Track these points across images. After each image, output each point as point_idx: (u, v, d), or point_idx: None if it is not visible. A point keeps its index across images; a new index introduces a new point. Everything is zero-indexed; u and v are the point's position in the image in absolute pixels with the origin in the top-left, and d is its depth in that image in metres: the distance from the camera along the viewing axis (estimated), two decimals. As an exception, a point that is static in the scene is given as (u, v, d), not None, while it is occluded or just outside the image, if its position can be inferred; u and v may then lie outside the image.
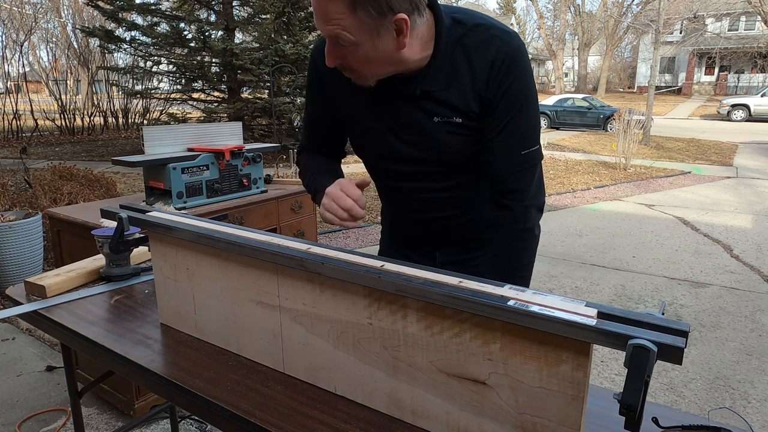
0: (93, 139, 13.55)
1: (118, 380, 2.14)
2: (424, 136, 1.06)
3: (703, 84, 29.90)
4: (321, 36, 1.06)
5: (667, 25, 19.49)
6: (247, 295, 1.01)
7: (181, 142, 2.40)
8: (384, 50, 0.94)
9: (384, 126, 1.09)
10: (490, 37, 0.99)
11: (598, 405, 0.88)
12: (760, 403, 2.44)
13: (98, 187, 4.74)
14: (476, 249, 1.26)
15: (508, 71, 0.98)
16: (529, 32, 48.65)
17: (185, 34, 9.20)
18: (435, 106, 1.03)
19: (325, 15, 0.90)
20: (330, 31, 0.92)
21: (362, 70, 0.98)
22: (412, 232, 1.27)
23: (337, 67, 0.99)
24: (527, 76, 1.01)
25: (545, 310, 0.68)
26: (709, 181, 8.07)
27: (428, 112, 1.04)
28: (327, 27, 0.92)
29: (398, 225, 1.31)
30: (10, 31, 18.83)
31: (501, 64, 0.98)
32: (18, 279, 3.50)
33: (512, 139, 1.03)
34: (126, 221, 1.18)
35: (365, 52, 0.94)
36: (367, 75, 0.99)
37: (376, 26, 0.90)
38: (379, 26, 0.91)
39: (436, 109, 1.03)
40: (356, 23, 0.90)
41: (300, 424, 0.86)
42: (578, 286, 3.89)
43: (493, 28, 1.00)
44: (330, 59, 0.97)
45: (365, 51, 0.94)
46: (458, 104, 1.02)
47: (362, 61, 0.96)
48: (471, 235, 1.24)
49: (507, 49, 0.98)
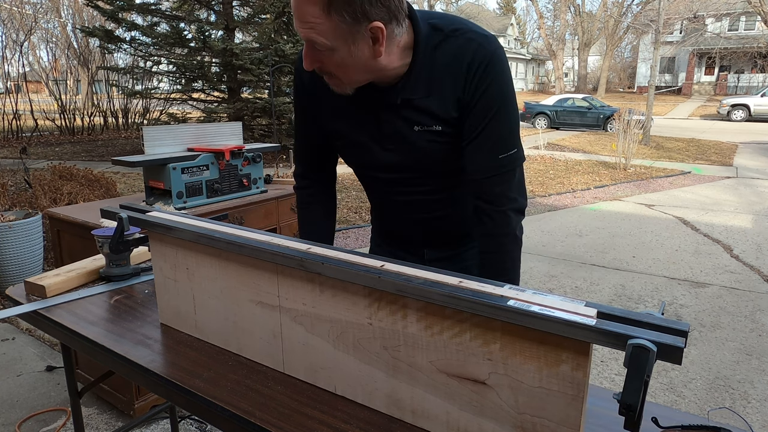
0: (93, 139, 13.55)
1: (118, 380, 2.14)
2: (406, 145, 1.08)
3: (703, 84, 29.91)
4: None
5: (667, 25, 19.50)
6: (247, 295, 1.01)
7: (181, 142, 2.40)
8: (360, 57, 0.95)
9: (367, 136, 1.11)
10: (467, 41, 0.99)
11: (597, 405, 0.88)
12: (760, 403, 2.44)
13: (98, 187, 4.74)
14: (464, 245, 1.28)
15: (485, 74, 0.99)
16: (529, 32, 48.67)
17: (185, 34, 9.20)
18: (415, 115, 1.04)
19: (302, 17, 0.91)
20: (306, 34, 0.92)
21: (339, 76, 0.99)
22: (399, 232, 1.30)
23: (316, 71, 0.99)
24: (504, 78, 1.01)
25: (545, 310, 0.68)
26: (709, 181, 8.07)
27: (409, 121, 1.05)
28: (303, 30, 0.92)
29: (386, 225, 1.34)
30: (10, 31, 18.84)
31: (477, 66, 0.98)
32: (18, 279, 3.50)
33: (489, 142, 1.03)
34: (126, 221, 1.18)
35: (341, 57, 0.94)
36: (345, 81, 1.00)
37: (350, 32, 0.91)
38: (354, 32, 0.91)
39: (417, 118, 1.04)
40: (331, 28, 0.90)
41: (300, 424, 0.86)
42: (578, 286, 3.89)
43: (470, 32, 1.00)
44: (307, 62, 0.97)
45: (341, 56, 0.94)
46: (438, 112, 1.03)
47: (338, 67, 0.96)
48: (458, 232, 1.27)
49: (484, 52, 0.98)
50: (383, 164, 1.13)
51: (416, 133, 1.05)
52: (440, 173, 1.13)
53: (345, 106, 1.08)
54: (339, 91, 1.02)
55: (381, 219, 1.35)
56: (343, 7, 0.88)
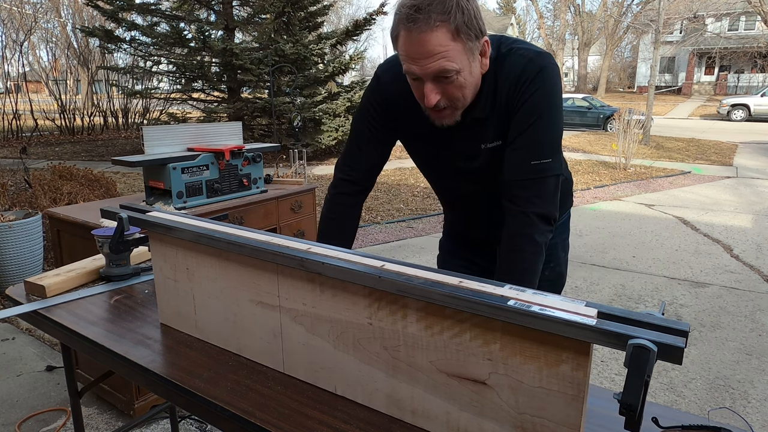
0: (93, 139, 13.55)
1: (118, 380, 2.14)
2: (474, 161, 1.15)
3: (703, 84, 29.89)
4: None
5: (667, 25, 19.49)
6: (247, 295, 1.01)
7: (181, 142, 2.40)
8: (476, 73, 1.02)
9: (439, 152, 1.19)
10: (521, 58, 1.05)
11: (598, 405, 0.88)
12: (760, 403, 2.44)
13: (98, 187, 4.74)
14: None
15: (532, 83, 1.03)
16: (529, 32, 48.65)
17: (185, 34, 9.19)
18: (481, 132, 1.11)
19: (431, 50, 0.95)
20: (438, 65, 0.96)
21: (458, 100, 1.03)
22: (472, 236, 1.41)
23: (436, 104, 1.03)
24: (551, 89, 1.05)
25: (545, 310, 0.68)
26: (709, 181, 8.06)
27: (476, 139, 1.12)
28: (433, 62, 0.96)
29: (456, 228, 1.46)
30: (10, 31, 18.80)
31: (526, 78, 1.03)
32: (18, 279, 3.50)
33: (524, 147, 1.06)
34: (126, 221, 1.18)
35: (464, 77, 1.00)
36: (459, 105, 1.04)
37: (472, 50, 0.98)
38: (474, 49, 0.98)
39: (482, 135, 1.11)
40: (459, 51, 0.96)
41: (300, 425, 0.86)
42: (578, 286, 3.89)
43: (524, 49, 1.06)
44: (432, 97, 1.00)
45: (464, 77, 1.00)
46: (498, 129, 1.09)
47: (459, 89, 1.01)
48: None
49: (533, 66, 1.04)
50: (454, 177, 1.22)
51: (482, 149, 1.12)
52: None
53: (422, 125, 1.13)
54: (447, 122, 1.07)
55: (455, 222, 1.46)
56: (468, 28, 0.95)
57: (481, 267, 1.44)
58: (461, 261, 1.47)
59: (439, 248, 1.58)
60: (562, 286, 1.52)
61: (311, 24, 10.10)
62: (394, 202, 6.33)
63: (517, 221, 1.09)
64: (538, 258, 1.09)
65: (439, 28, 0.93)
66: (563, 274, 1.51)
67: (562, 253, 1.47)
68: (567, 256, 1.51)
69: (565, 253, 1.49)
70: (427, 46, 0.94)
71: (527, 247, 1.09)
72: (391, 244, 4.84)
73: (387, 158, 1.29)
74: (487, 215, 1.29)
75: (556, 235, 1.44)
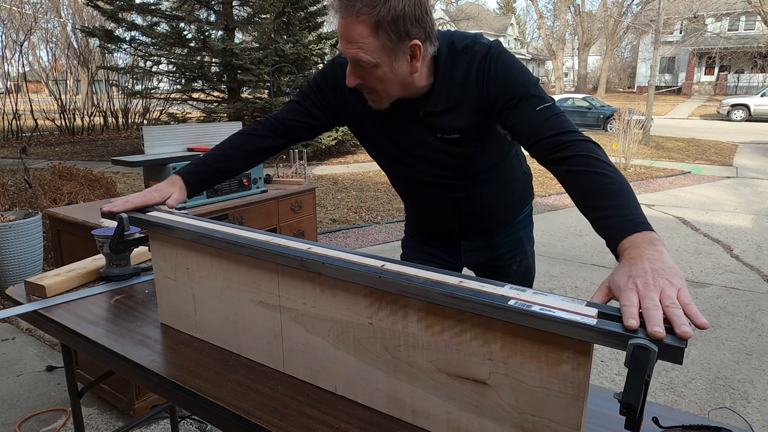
0: (93, 139, 13.55)
1: (118, 380, 2.14)
2: (429, 151, 1.18)
3: (703, 84, 29.89)
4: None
5: (667, 25, 19.50)
6: (248, 295, 1.01)
7: (181, 142, 2.40)
8: (399, 73, 1.04)
9: (394, 143, 1.21)
10: (474, 52, 1.08)
11: (598, 405, 0.88)
12: (760, 403, 2.44)
13: (98, 187, 4.74)
14: (500, 232, 1.40)
15: (490, 64, 1.06)
16: (529, 32, 48.65)
17: (185, 34, 9.20)
18: (436, 124, 1.13)
19: (350, 38, 0.99)
20: (353, 54, 1.01)
21: (379, 91, 1.07)
22: (432, 228, 1.43)
23: (357, 87, 1.08)
24: (508, 60, 1.07)
25: (546, 310, 0.68)
26: (709, 181, 8.06)
27: (430, 129, 1.15)
28: (351, 49, 1.00)
29: (419, 223, 1.47)
30: (10, 31, 18.82)
31: (483, 67, 1.06)
32: (18, 279, 3.50)
33: (525, 109, 1.05)
34: (126, 221, 1.18)
35: (383, 72, 1.03)
36: (383, 95, 1.08)
37: (393, 49, 1.00)
38: (397, 50, 1.00)
39: (437, 126, 1.14)
40: (377, 46, 0.99)
41: (300, 424, 0.86)
42: (578, 286, 3.89)
43: (476, 44, 1.09)
44: (350, 79, 1.06)
45: (383, 72, 1.03)
46: (456, 122, 1.12)
47: (379, 81, 1.05)
48: (489, 224, 1.38)
49: (485, 50, 1.07)
50: (410, 167, 1.24)
51: (438, 138, 1.15)
52: (469, 173, 1.22)
53: (375, 113, 1.16)
54: (376, 106, 1.12)
55: (413, 217, 1.49)
56: (389, 27, 0.97)
57: (448, 263, 1.44)
58: (426, 257, 1.45)
59: (402, 248, 1.55)
60: (532, 280, 1.53)
61: (311, 24, 10.09)
62: (394, 202, 6.33)
63: (578, 147, 0.97)
64: (621, 175, 0.94)
65: (360, 19, 0.96)
66: (531, 267, 1.51)
67: (528, 246, 1.48)
68: (533, 249, 1.51)
69: (530, 246, 1.50)
70: (348, 32, 0.99)
71: (605, 166, 0.94)
72: (391, 244, 4.84)
73: (313, 134, 1.29)
74: (446, 205, 1.31)
75: (521, 228, 1.46)
